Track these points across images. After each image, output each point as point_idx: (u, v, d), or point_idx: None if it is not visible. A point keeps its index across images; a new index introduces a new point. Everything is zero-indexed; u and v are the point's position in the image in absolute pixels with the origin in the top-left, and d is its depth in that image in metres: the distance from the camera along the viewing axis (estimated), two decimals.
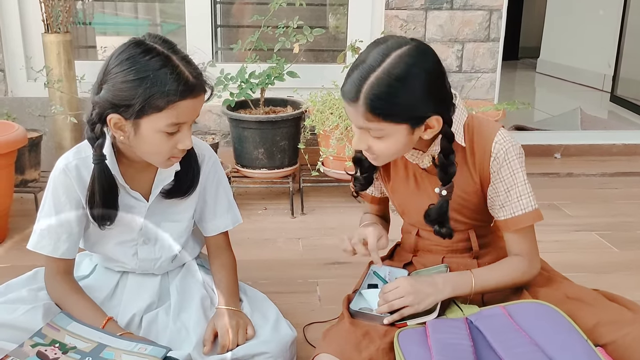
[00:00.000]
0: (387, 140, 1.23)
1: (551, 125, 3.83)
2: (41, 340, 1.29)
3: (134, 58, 1.24)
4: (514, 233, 1.35)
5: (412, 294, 1.27)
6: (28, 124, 2.69)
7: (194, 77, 1.27)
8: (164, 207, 1.47)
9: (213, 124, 3.02)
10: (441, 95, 1.23)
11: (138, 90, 1.23)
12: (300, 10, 2.73)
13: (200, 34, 3.02)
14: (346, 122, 2.39)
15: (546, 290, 1.34)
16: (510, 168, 1.31)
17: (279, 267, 2.11)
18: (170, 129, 1.28)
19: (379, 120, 1.19)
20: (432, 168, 1.35)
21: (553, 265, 1.50)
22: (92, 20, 3.24)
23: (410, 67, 1.17)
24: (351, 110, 1.22)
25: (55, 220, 1.39)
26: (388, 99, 1.17)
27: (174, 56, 1.26)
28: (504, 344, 1.15)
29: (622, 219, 2.57)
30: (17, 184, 2.48)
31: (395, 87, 1.16)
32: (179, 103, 1.25)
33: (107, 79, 1.26)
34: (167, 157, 1.33)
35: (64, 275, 1.44)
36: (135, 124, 1.27)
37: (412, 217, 1.46)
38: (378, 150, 1.26)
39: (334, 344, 1.22)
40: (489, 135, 1.31)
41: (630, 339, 1.14)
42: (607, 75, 4.88)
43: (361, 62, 1.20)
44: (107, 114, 1.27)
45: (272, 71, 2.61)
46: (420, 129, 1.24)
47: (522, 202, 1.32)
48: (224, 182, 1.57)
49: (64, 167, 1.37)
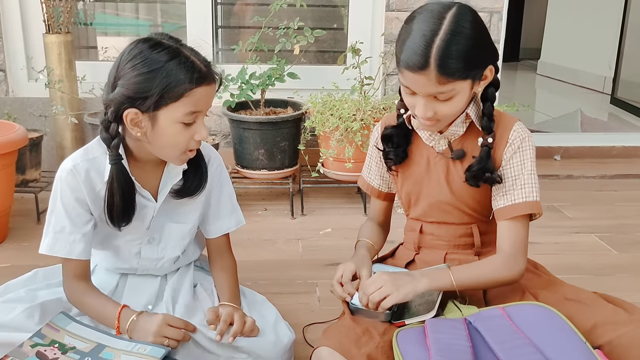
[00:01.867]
0: (454, 99, 1.26)
1: (551, 127, 3.84)
2: (40, 340, 1.29)
3: (145, 52, 1.26)
4: (508, 222, 1.34)
5: (389, 282, 1.27)
6: (29, 124, 2.70)
7: (205, 66, 1.30)
8: (170, 208, 1.48)
9: (214, 124, 3.02)
10: (491, 42, 1.29)
11: (155, 82, 1.24)
12: (301, 11, 2.74)
13: (201, 34, 3.02)
14: (346, 124, 2.40)
15: (546, 293, 1.35)
16: (522, 156, 1.35)
17: (279, 268, 2.11)
18: (187, 118, 1.29)
19: (451, 80, 1.22)
20: (447, 151, 1.39)
21: (552, 267, 1.51)
22: (93, 20, 3.24)
23: (468, 23, 1.22)
24: (421, 79, 1.23)
25: (68, 222, 1.38)
26: (458, 57, 1.20)
27: (183, 48, 1.29)
28: (503, 345, 1.15)
29: (621, 221, 2.57)
30: (18, 184, 2.49)
31: (461, 43, 1.20)
32: (195, 90, 1.27)
33: (120, 75, 1.27)
34: (183, 150, 1.34)
35: (84, 280, 1.42)
36: (152, 117, 1.28)
37: (419, 206, 1.47)
38: (443, 113, 1.28)
39: (334, 339, 1.22)
40: (507, 123, 1.37)
41: (627, 340, 1.14)
42: (608, 77, 4.88)
43: (417, 31, 1.22)
44: (123, 109, 1.27)
45: (273, 72, 2.61)
46: (478, 82, 1.29)
47: (525, 191, 1.34)
48: (228, 184, 1.57)
49: (72, 168, 1.36)
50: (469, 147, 1.38)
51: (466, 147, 1.38)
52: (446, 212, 1.43)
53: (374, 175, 1.56)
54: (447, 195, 1.41)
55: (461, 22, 1.21)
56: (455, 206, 1.41)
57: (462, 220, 1.43)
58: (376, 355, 1.20)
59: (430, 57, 1.19)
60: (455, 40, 1.20)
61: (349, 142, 2.42)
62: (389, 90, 3.01)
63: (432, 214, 1.45)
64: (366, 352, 1.19)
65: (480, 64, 1.26)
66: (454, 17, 1.22)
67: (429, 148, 1.42)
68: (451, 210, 1.42)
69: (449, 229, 1.44)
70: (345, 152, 2.43)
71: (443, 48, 1.19)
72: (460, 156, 1.38)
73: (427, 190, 1.43)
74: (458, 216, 1.42)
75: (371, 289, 1.28)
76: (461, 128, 1.37)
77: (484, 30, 1.26)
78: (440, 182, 1.40)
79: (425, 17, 1.23)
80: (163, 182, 1.44)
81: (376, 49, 2.99)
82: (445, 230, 1.45)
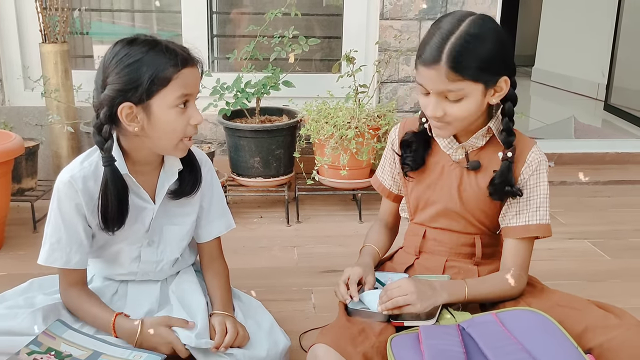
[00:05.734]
0: (464, 102, 1.29)
1: (545, 134, 3.86)
2: (37, 348, 1.30)
3: (125, 48, 1.31)
4: (517, 241, 1.39)
5: (415, 293, 1.29)
6: (25, 133, 2.71)
7: (184, 51, 1.35)
8: (168, 209, 1.49)
9: (209, 132, 3.04)
10: (510, 56, 1.32)
11: (142, 70, 1.29)
12: (295, 20, 2.76)
13: (196, 43, 3.01)
14: (341, 132, 2.41)
15: (538, 300, 1.37)
16: (538, 179, 1.39)
17: (274, 275, 2.12)
18: (179, 101, 1.32)
19: (460, 78, 1.25)
20: (463, 161, 1.42)
21: (546, 273, 1.53)
22: (89, 29, 3.25)
23: (485, 28, 1.27)
24: (432, 73, 1.26)
25: (65, 233, 1.39)
26: (469, 55, 1.24)
27: (159, 39, 1.35)
28: (496, 350, 1.16)
29: (614, 227, 2.59)
30: (14, 193, 2.49)
31: (474, 43, 1.24)
32: (182, 72, 1.31)
33: (108, 73, 1.31)
34: (181, 137, 1.36)
35: (80, 286, 1.44)
36: (146, 108, 1.31)
37: (426, 211, 1.49)
38: (453, 115, 1.30)
39: (330, 336, 1.24)
40: (527, 144, 1.41)
41: (617, 343, 1.16)
42: (601, 84, 4.91)
43: (437, 30, 1.27)
44: (117, 105, 1.30)
45: (268, 81, 2.63)
46: (491, 91, 1.31)
47: (540, 214, 1.39)
48: (218, 187, 1.59)
49: (70, 179, 1.37)
50: (485, 161, 1.41)
51: (482, 159, 1.41)
52: (452, 220, 1.45)
53: (387, 175, 1.60)
54: (457, 203, 1.43)
55: (479, 26, 1.26)
56: (463, 215, 1.44)
57: (466, 229, 1.45)
58: (372, 355, 1.22)
59: (442, 52, 1.24)
60: (469, 40, 1.24)
61: (344, 150, 2.44)
62: (384, 98, 3.03)
63: (438, 220, 1.47)
64: (362, 351, 1.21)
65: (493, 70, 1.29)
66: (473, 21, 1.27)
67: (445, 156, 1.44)
68: (458, 218, 1.45)
69: (452, 236, 1.46)
70: (340, 160, 2.44)
71: (455, 44, 1.23)
72: (476, 167, 1.41)
73: (437, 196, 1.45)
74: (463, 225, 1.45)
75: (396, 293, 1.30)
76: (481, 141, 1.40)
77: (503, 41, 1.30)
78: (451, 190, 1.43)
79: (447, 20, 1.28)
80: (160, 184, 1.45)
81: (370, 57, 3.01)
82: (448, 237, 1.47)
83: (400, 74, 3.03)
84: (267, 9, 2.69)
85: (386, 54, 2.95)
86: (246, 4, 3.30)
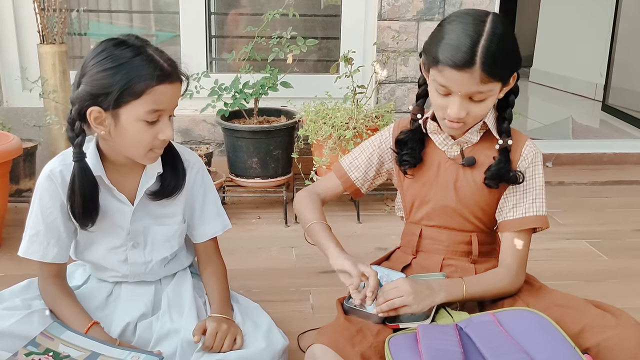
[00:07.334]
0: (486, 102, 1.30)
1: (543, 134, 3.86)
2: (35, 349, 1.30)
3: (109, 50, 1.29)
4: (515, 234, 1.39)
5: (412, 294, 1.29)
6: (23, 134, 2.70)
7: (169, 65, 1.31)
8: (151, 210, 1.48)
9: (207, 133, 3.04)
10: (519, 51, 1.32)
11: (115, 78, 1.26)
12: (293, 21, 2.76)
13: (194, 44, 3.05)
14: (339, 132, 2.41)
15: (536, 299, 1.37)
16: (534, 171, 1.41)
17: (272, 276, 2.12)
18: (149, 116, 1.30)
19: (491, 80, 1.26)
20: (458, 157, 1.42)
21: (544, 273, 1.53)
22: (87, 30, 3.26)
23: (505, 26, 1.27)
24: (465, 77, 1.25)
25: (43, 226, 1.40)
26: (501, 57, 1.25)
27: (147, 47, 1.31)
28: (494, 350, 1.16)
29: (612, 227, 2.59)
30: (12, 194, 2.49)
31: (502, 44, 1.25)
32: (156, 88, 1.28)
33: (85, 72, 1.30)
34: (147, 149, 1.35)
35: (56, 279, 1.45)
36: (114, 115, 1.29)
37: (422, 210, 1.49)
38: (475, 114, 1.31)
39: (328, 336, 1.24)
40: (521, 138, 1.42)
41: (614, 342, 1.17)
42: (599, 84, 4.92)
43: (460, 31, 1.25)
44: (86, 107, 1.29)
45: (266, 81, 2.63)
46: (505, 88, 1.33)
47: (536, 205, 1.39)
48: (212, 189, 1.58)
49: (49, 173, 1.39)
50: (480, 157, 1.41)
51: (477, 155, 1.42)
52: (449, 217, 1.45)
53: (358, 169, 1.55)
54: (453, 200, 1.43)
55: (502, 25, 1.27)
56: (459, 212, 1.44)
57: (463, 227, 1.45)
58: (369, 355, 1.22)
59: (476, 55, 1.23)
60: (497, 42, 1.24)
61: (342, 150, 2.44)
62: (382, 98, 3.04)
63: (434, 217, 1.47)
64: (360, 351, 1.21)
65: (513, 68, 1.31)
66: (494, 22, 1.26)
67: (440, 153, 1.45)
68: (454, 216, 1.45)
69: (449, 234, 1.46)
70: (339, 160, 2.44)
71: (488, 48, 1.23)
72: (471, 163, 1.41)
73: (434, 194, 1.45)
74: (460, 223, 1.45)
75: (392, 294, 1.30)
76: (476, 136, 1.41)
77: (515, 37, 1.31)
78: (448, 187, 1.43)
79: (465, 19, 1.27)
80: (141, 185, 1.45)
81: (368, 58, 3.02)
82: (445, 235, 1.47)
83: (398, 74, 3.03)
84: (265, 9, 2.69)
85: (384, 54, 2.95)
86: (244, 4, 3.30)
